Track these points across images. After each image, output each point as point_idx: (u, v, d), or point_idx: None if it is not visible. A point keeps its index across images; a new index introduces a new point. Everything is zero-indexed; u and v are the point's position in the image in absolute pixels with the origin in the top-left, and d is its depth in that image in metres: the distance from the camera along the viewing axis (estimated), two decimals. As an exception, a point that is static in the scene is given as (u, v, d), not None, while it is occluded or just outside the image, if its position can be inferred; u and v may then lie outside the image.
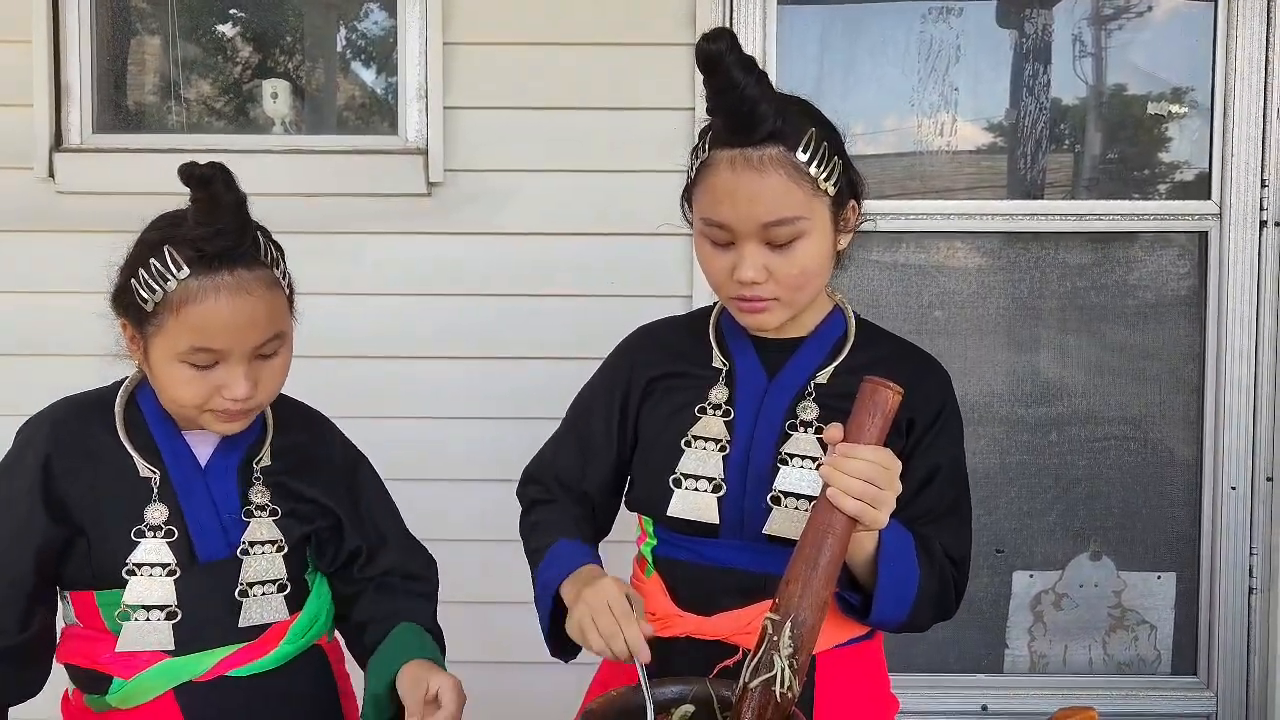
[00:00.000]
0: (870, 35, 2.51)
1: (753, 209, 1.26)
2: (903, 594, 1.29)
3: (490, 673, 2.46)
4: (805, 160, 1.26)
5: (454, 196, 2.43)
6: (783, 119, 1.26)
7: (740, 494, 1.35)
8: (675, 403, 1.41)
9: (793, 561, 1.15)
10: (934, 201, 2.52)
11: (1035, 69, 2.53)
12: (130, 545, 1.33)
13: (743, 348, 1.41)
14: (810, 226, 1.28)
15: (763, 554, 1.34)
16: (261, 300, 1.30)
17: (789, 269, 1.29)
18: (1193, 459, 2.53)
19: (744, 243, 1.28)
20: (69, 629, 1.40)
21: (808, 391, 1.37)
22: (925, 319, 2.55)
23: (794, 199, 1.26)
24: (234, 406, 1.31)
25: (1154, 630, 2.57)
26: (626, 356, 1.49)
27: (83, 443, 1.35)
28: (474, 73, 2.40)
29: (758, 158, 1.26)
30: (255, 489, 1.40)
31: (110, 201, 2.34)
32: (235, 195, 1.27)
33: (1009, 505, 2.57)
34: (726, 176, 1.27)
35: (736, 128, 1.26)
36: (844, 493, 1.13)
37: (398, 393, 2.46)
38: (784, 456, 1.34)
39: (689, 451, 1.37)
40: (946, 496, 1.38)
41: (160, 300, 1.27)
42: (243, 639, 1.37)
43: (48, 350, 2.36)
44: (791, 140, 1.26)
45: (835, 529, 1.14)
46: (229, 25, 2.61)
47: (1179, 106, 2.53)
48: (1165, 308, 2.54)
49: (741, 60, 1.21)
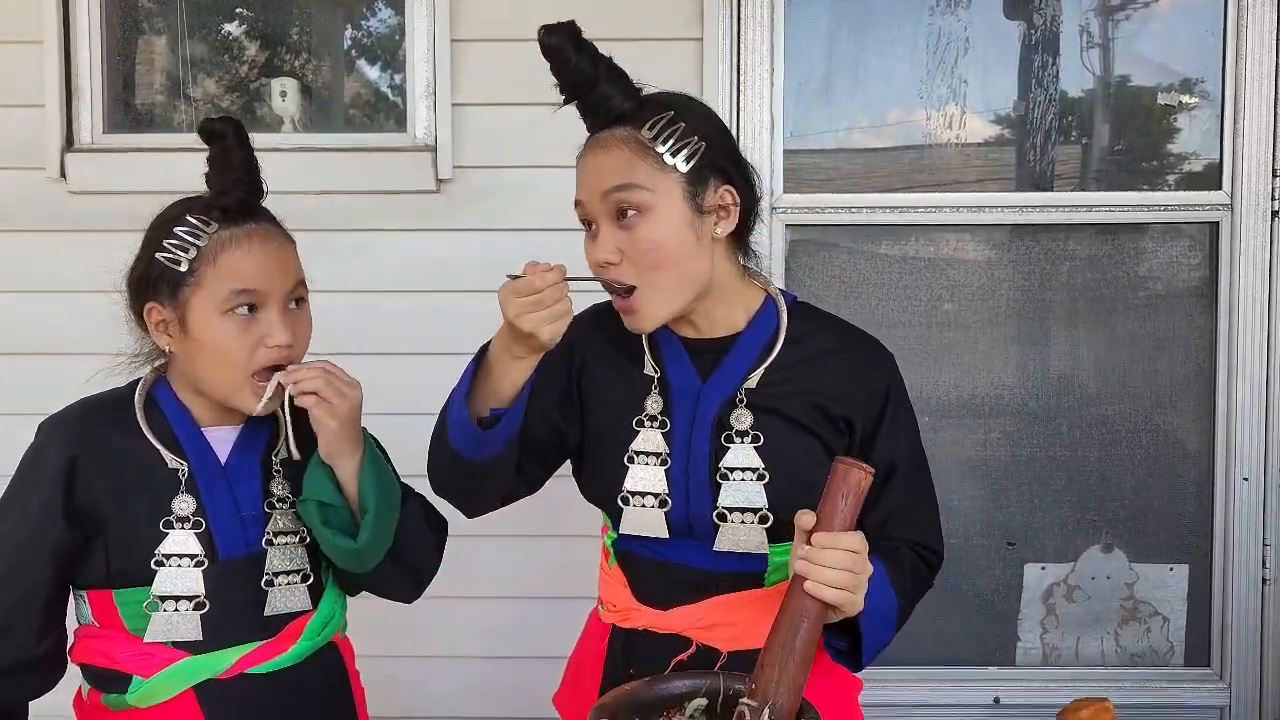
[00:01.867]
0: (878, 28, 2.51)
1: (597, 181, 1.30)
2: (886, 629, 1.31)
3: (497, 668, 2.49)
4: (650, 137, 1.29)
5: (463, 193, 2.43)
6: (636, 104, 1.31)
7: (684, 505, 1.35)
8: (611, 404, 1.40)
9: (767, 647, 1.15)
10: (943, 194, 2.51)
11: (1044, 60, 2.53)
12: (158, 537, 1.34)
13: (674, 352, 1.40)
14: (655, 200, 1.28)
15: (712, 555, 1.36)
16: (285, 246, 1.38)
17: (639, 246, 1.29)
18: (1205, 450, 2.52)
19: (599, 224, 1.31)
20: (84, 629, 1.40)
21: (738, 399, 1.36)
22: (934, 311, 2.55)
23: (635, 170, 1.29)
24: (278, 355, 1.34)
25: (1167, 622, 2.57)
26: (569, 332, 1.45)
27: (104, 442, 1.36)
28: (482, 69, 2.41)
29: (606, 137, 1.31)
30: (275, 481, 1.42)
31: (121, 201, 2.35)
32: (246, 152, 1.36)
33: (1020, 498, 2.56)
34: (584, 159, 1.33)
35: (587, 114, 1.32)
36: (824, 584, 1.13)
37: (408, 390, 2.46)
38: (724, 472, 1.34)
39: (633, 468, 1.37)
40: (908, 493, 1.38)
41: (195, 257, 1.32)
42: (264, 634, 1.38)
43: (61, 349, 2.37)
44: (639, 120, 1.30)
45: (810, 613, 1.15)
46: (235, 24, 2.61)
47: (1189, 97, 2.52)
48: (1176, 299, 2.53)
49: (583, 49, 1.29)
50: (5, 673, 1.33)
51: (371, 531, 1.37)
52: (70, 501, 1.33)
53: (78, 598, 1.40)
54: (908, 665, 2.52)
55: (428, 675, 2.49)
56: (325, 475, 1.38)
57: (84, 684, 1.42)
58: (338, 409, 1.34)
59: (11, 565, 1.33)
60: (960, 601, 2.56)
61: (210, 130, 1.35)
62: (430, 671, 2.49)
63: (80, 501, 1.33)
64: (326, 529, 1.37)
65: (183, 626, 1.34)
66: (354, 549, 1.37)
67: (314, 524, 1.38)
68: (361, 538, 1.37)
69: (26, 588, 1.33)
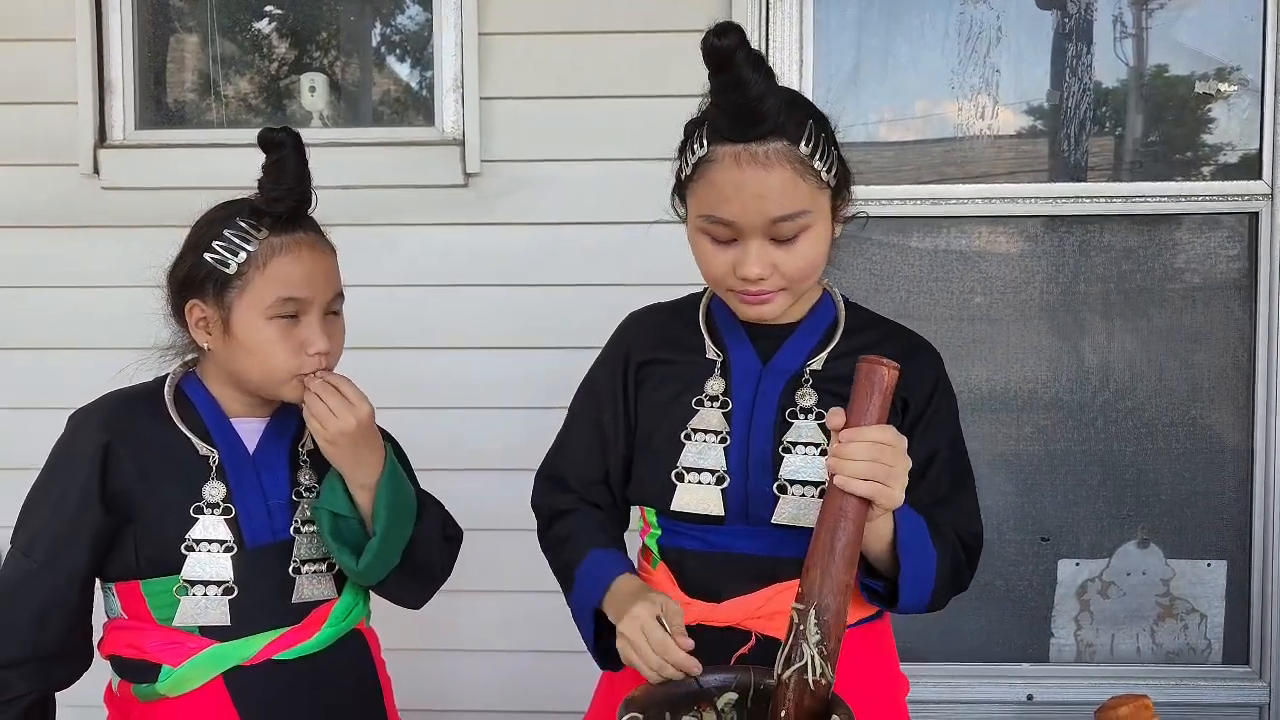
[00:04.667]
0: (909, 18, 2.48)
1: (761, 205, 1.25)
2: (923, 579, 1.29)
3: (528, 661, 2.49)
4: (808, 153, 1.25)
5: (491, 187, 2.43)
6: (785, 114, 1.24)
7: (743, 483, 1.35)
8: (669, 392, 1.41)
9: (811, 550, 1.15)
10: (975, 185, 2.49)
11: (1078, 49, 2.49)
12: (188, 523, 1.36)
13: (736, 337, 1.41)
14: (814, 220, 1.28)
15: (769, 539, 1.35)
16: (330, 256, 1.43)
17: (795, 263, 1.29)
18: (1243, 445, 2.48)
19: (748, 239, 1.27)
20: (113, 621, 1.42)
21: (804, 378, 1.37)
22: (966, 305, 2.52)
23: (800, 193, 1.25)
24: (317, 363, 1.38)
25: (1204, 619, 2.53)
26: (620, 343, 1.49)
27: (136, 429, 1.38)
28: (510, 63, 2.41)
29: (763, 153, 1.24)
30: (302, 471, 1.45)
31: (153, 197, 2.37)
32: (301, 162, 1.39)
33: (1054, 493, 2.53)
34: (731, 173, 1.25)
35: (742, 124, 1.23)
36: (853, 477, 1.13)
37: (436, 383, 2.47)
38: (787, 445, 1.34)
39: (689, 445, 1.37)
40: (948, 478, 1.38)
41: (244, 261, 1.35)
42: (290, 620, 1.40)
43: (94, 344, 2.40)
44: (794, 134, 1.25)
45: (848, 512, 1.14)
46: (265, 22, 2.63)
47: (1226, 85, 2.47)
48: (1214, 290, 2.49)
49: (750, 56, 1.19)
50: (42, 661, 1.34)
51: (375, 554, 1.40)
52: (105, 487, 1.35)
53: (105, 591, 1.42)
54: (940, 661, 2.50)
55: (457, 668, 2.50)
56: (341, 486, 1.40)
57: (113, 677, 1.44)
58: (325, 429, 1.36)
59: (50, 554, 1.35)
60: (993, 597, 2.53)
61: (270, 139, 1.38)
62: (460, 665, 2.50)
63: (114, 487, 1.35)
64: (334, 541, 1.40)
65: (212, 611, 1.36)
66: (356, 570, 1.41)
67: (324, 533, 1.40)
68: (363, 561, 1.40)
69: (65, 575, 1.35)
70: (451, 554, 1.54)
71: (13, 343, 2.48)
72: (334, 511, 1.40)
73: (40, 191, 2.46)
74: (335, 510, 1.40)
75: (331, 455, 1.38)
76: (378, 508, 1.39)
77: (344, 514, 1.40)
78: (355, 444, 1.37)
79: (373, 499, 1.40)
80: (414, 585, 1.50)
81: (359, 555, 1.40)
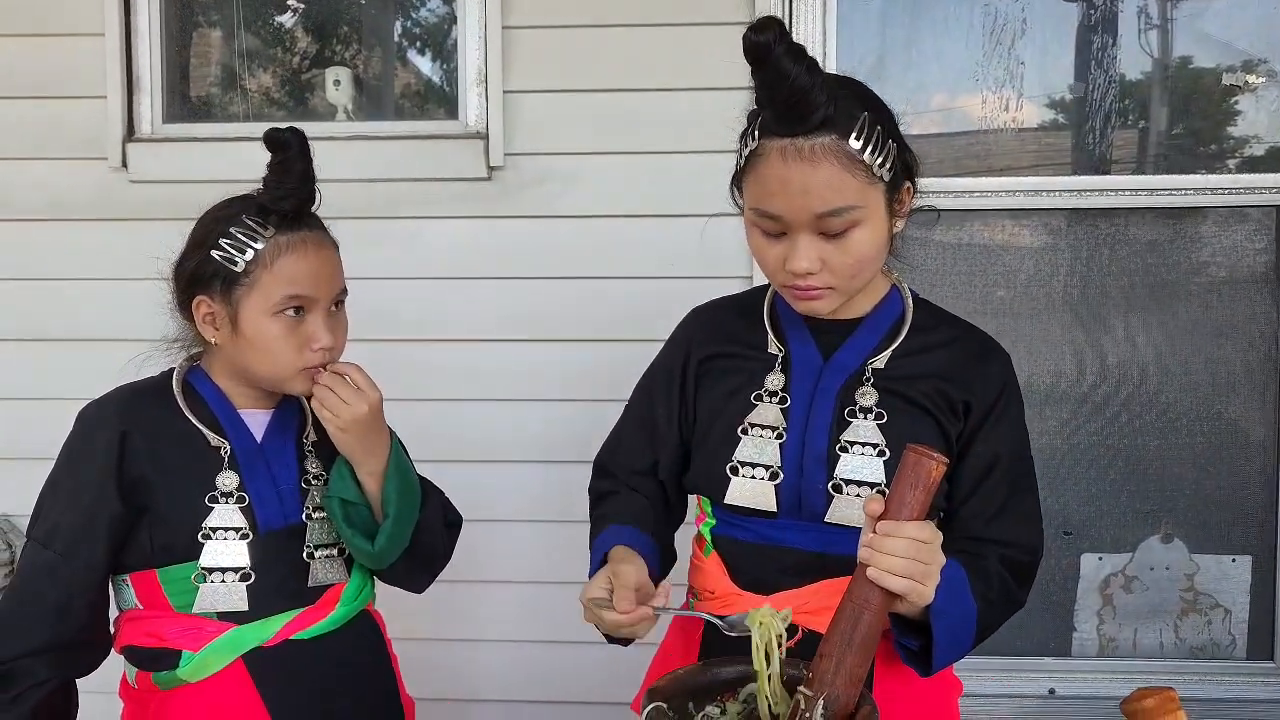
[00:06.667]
0: (933, 10, 2.47)
1: (806, 201, 1.23)
2: (962, 635, 1.27)
3: (542, 652, 2.50)
4: (858, 148, 1.23)
5: (514, 180, 2.44)
6: (834, 105, 1.21)
7: (796, 479, 1.35)
8: (729, 385, 1.41)
9: (827, 636, 1.13)
10: (999, 179, 2.48)
11: (1103, 41, 2.47)
12: (203, 512, 1.39)
13: (798, 332, 1.40)
14: (865, 215, 1.25)
15: (820, 535, 1.34)
16: (333, 253, 1.45)
17: (844, 258, 1.27)
18: (1269, 439, 2.47)
19: (797, 234, 1.26)
20: (128, 613, 1.44)
21: (865, 377, 1.36)
22: (989, 298, 2.51)
23: (847, 188, 1.23)
24: (321, 357, 1.41)
25: (1228, 614, 2.51)
26: (681, 339, 1.50)
27: (150, 421, 1.41)
28: (533, 56, 2.41)
29: (809, 148, 1.22)
30: (310, 460, 1.48)
31: (180, 190, 2.39)
32: (306, 163, 1.40)
33: (1077, 487, 2.52)
34: (777, 168, 1.23)
35: (787, 118, 1.22)
36: (888, 572, 1.10)
37: (459, 376, 2.48)
38: (844, 444, 1.33)
39: (745, 439, 1.37)
40: (1008, 487, 1.35)
41: (252, 259, 1.38)
42: (305, 602, 1.44)
43: (120, 335, 2.41)
44: (843, 127, 1.22)
45: (872, 604, 1.11)
46: (288, 16, 2.64)
47: (1254, 77, 2.45)
48: (1239, 284, 2.47)
49: (790, 49, 1.17)
50: (64, 650, 1.36)
51: (389, 537, 1.44)
52: (122, 476, 1.37)
53: (119, 583, 1.44)
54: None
55: (473, 657, 2.52)
56: (349, 474, 1.45)
57: (128, 670, 1.46)
58: (338, 417, 1.40)
59: (70, 544, 1.37)
60: (1015, 591, 2.53)
61: (275, 139, 1.39)
62: (475, 654, 2.52)
63: (131, 476, 1.38)
64: (348, 527, 1.44)
65: (230, 597, 1.39)
66: (371, 552, 1.45)
67: (336, 520, 1.45)
68: (379, 543, 1.44)
69: (85, 564, 1.37)
70: (452, 540, 1.59)
71: (44, 334, 2.51)
72: (344, 499, 1.44)
73: (71, 185, 2.49)
74: (345, 497, 1.44)
75: (342, 443, 1.42)
76: (388, 491, 1.44)
77: (354, 500, 1.44)
78: (367, 430, 1.42)
79: (381, 485, 1.44)
80: (419, 570, 1.55)
81: (371, 540, 1.44)
